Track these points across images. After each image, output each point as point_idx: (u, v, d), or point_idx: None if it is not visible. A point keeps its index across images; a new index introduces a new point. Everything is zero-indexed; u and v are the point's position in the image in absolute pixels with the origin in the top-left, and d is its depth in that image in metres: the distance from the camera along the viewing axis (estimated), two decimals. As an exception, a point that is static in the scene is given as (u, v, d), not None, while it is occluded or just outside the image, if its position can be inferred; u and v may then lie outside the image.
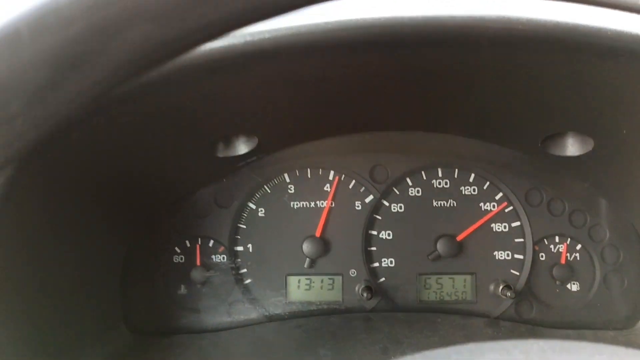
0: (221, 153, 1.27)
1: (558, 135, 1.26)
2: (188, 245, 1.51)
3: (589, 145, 1.22)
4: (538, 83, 1.00)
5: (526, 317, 1.51)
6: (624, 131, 1.11)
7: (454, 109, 1.20)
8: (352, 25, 0.83)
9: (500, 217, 1.53)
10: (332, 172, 1.53)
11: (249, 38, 0.84)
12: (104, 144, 1.06)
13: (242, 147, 1.28)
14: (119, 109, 0.92)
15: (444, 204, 1.53)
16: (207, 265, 1.51)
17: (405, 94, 1.12)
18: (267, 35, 0.85)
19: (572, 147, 1.26)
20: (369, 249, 1.53)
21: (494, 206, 1.53)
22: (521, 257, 1.52)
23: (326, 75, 0.97)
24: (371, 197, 1.53)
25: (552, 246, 1.53)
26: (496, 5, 0.85)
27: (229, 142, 1.27)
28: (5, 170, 0.85)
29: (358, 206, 1.53)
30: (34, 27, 0.35)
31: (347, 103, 1.15)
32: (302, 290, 1.52)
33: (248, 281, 1.51)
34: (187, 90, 0.93)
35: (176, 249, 1.51)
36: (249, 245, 1.52)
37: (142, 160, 1.20)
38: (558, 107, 1.11)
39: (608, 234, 1.52)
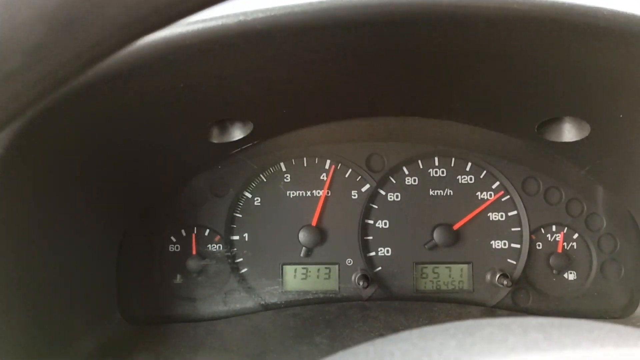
0: (216, 139, 1.27)
1: (554, 120, 1.25)
2: (184, 234, 1.51)
3: (586, 131, 1.22)
4: (534, 66, 1.00)
5: (523, 306, 1.51)
6: (621, 115, 1.11)
7: (450, 93, 1.19)
8: (347, 4, 0.83)
9: (497, 206, 1.53)
10: (328, 161, 1.53)
11: (242, 18, 0.84)
12: (98, 129, 1.05)
13: (237, 133, 1.27)
14: (112, 90, 0.92)
15: (440, 192, 1.53)
16: (203, 255, 1.50)
17: (401, 77, 1.11)
18: (260, 15, 0.84)
19: (569, 132, 1.26)
20: (365, 238, 1.53)
21: (490, 195, 1.53)
22: (518, 246, 1.52)
23: (321, 57, 0.97)
24: (367, 186, 1.53)
25: (548, 235, 1.53)
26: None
27: (223, 127, 1.27)
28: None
29: (354, 195, 1.53)
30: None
31: (343, 86, 1.14)
32: (298, 279, 1.51)
33: (244, 270, 1.51)
34: (180, 71, 0.92)
35: (172, 238, 1.50)
36: (245, 235, 1.51)
37: (136, 145, 1.19)
38: (554, 91, 1.10)
39: (605, 223, 1.51)
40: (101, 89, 0.89)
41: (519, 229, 1.52)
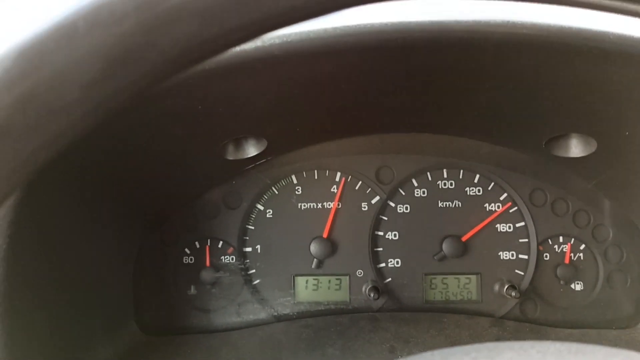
0: (231, 156, 1.30)
1: (562, 136, 1.28)
2: (197, 246, 1.53)
3: (592, 147, 1.24)
4: (542, 86, 1.02)
5: (531, 317, 1.53)
6: (627, 132, 1.13)
7: (459, 111, 1.22)
8: (360, 30, 0.86)
9: (504, 217, 1.55)
10: (338, 174, 1.55)
11: (259, 43, 0.87)
12: (117, 147, 1.08)
13: (251, 150, 1.30)
14: (133, 111, 0.95)
15: (449, 204, 1.55)
16: (217, 266, 1.53)
17: (411, 97, 1.14)
18: (277, 41, 0.87)
19: (576, 148, 1.28)
20: (375, 249, 1.55)
21: (498, 206, 1.55)
22: (525, 257, 1.54)
23: (334, 78, 1.00)
24: (377, 198, 1.55)
25: (556, 246, 1.55)
26: (501, 10, 0.87)
27: (238, 144, 1.29)
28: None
29: (364, 207, 1.55)
30: (89, 22, 0.37)
31: (355, 105, 1.17)
32: (309, 290, 1.54)
33: (257, 282, 1.53)
34: (198, 94, 0.95)
35: (186, 249, 1.53)
36: (258, 246, 1.54)
37: (154, 162, 1.22)
38: (561, 109, 1.13)
39: (611, 234, 1.53)
40: (122, 110, 0.92)
41: (526, 240, 1.54)
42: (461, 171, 1.55)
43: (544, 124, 1.22)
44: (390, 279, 1.54)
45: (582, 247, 1.54)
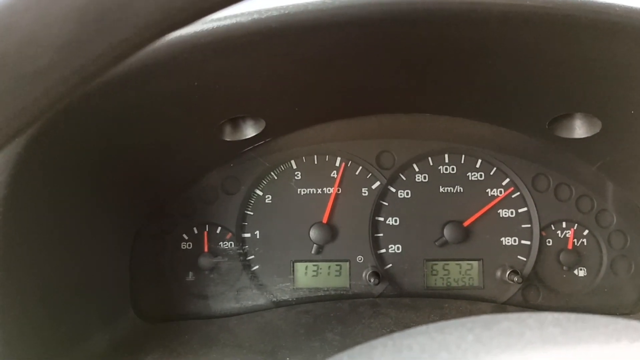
0: (228, 136, 1.28)
1: (565, 117, 1.26)
2: (196, 232, 1.52)
3: (597, 127, 1.22)
4: (546, 62, 1.00)
5: (533, 303, 1.51)
6: (632, 112, 1.11)
7: (461, 89, 1.20)
8: (360, 2, 0.84)
9: (507, 202, 1.53)
10: (338, 159, 1.53)
11: (256, 16, 0.85)
12: (112, 128, 1.06)
13: (249, 130, 1.28)
14: (127, 90, 0.93)
15: (450, 189, 1.53)
16: (215, 252, 1.51)
17: (412, 74, 1.12)
18: (274, 13, 0.85)
19: (580, 129, 1.26)
20: (375, 235, 1.53)
21: (500, 192, 1.53)
22: (528, 242, 1.52)
23: (333, 54, 0.98)
24: (378, 183, 1.53)
25: (559, 232, 1.53)
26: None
27: (236, 125, 1.28)
28: (17, 148, 0.86)
29: (365, 192, 1.54)
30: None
31: (354, 83, 1.15)
32: (309, 276, 1.52)
33: (255, 267, 1.52)
34: (195, 70, 0.93)
35: (184, 235, 1.51)
36: (256, 232, 1.52)
37: (150, 143, 1.20)
38: (565, 88, 1.11)
39: (615, 219, 1.52)
40: (117, 89, 0.90)
41: (529, 225, 1.52)
42: (463, 156, 1.53)
43: (547, 103, 1.20)
44: (390, 264, 1.53)
45: (586, 232, 1.53)
